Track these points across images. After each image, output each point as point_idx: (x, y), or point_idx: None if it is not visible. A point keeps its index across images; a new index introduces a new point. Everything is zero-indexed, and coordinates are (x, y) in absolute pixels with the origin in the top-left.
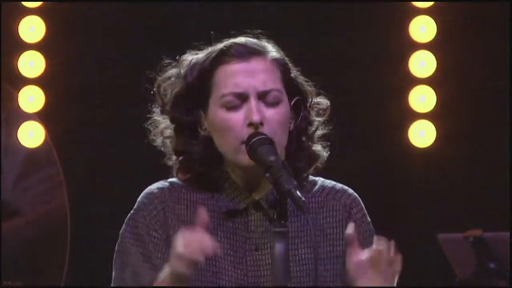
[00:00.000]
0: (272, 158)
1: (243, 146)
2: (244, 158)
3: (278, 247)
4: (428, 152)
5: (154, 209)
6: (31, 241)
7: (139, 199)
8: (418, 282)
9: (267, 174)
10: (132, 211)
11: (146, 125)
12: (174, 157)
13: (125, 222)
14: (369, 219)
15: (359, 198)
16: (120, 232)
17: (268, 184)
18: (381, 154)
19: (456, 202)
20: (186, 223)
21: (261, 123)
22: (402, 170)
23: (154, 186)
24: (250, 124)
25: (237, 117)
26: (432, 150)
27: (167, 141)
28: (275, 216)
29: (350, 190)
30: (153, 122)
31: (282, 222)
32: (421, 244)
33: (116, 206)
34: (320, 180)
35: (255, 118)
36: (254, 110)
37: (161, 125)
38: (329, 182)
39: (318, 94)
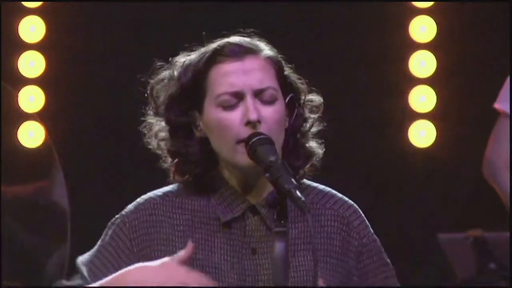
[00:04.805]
0: (272, 158)
1: (240, 146)
2: (242, 158)
3: (278, 247)
4: (428, 152)
5: (135, 219)
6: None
7: (126, 208)
8: (418, 282)
9: (267, 174)
10: (119, 214)
11: (140, 128)
12: (169, 160)
13: (110, 222)
14: (371, 230)
15: (360, 211)
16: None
17: (265, 186)
18: (381, 154)
19: (456, 202)
20: (182, 232)
21: (259, 122)
22: (402, 170)
23: (146, 196)
24: (248, 123)
25: (234, 116)
26: (432, 150)
27: (162, 143)
28: (275, 216)
29: (350, 202)
30: (147, 125)
31: (282, 222)
32: (421, 244)
33: (116, 206)
34: (319, 187)
35: (253, 116)
36: (251, 108)
37: (155, 128)
38: (329, 191)
39: (310, 91)
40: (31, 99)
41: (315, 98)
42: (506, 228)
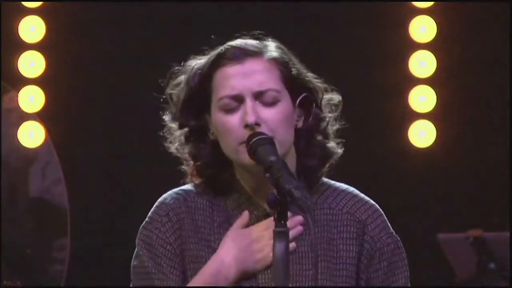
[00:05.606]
0: (272, 158)
1: (242, 147)
2: (245, 157)
3: (278, 247)
4: (428, 152)
5: (168, 221)
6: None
7: (153, 209)
8: (418, 282)
9: (267, 174)
10: (146, 220)
11: (162, 133)
12: (191, 163)
13: (139, 231)
14: (391, 231)
15: (380, 211)
16: (136, 242)
17: (271, 186)
18: (381, 154)
19: (456, 202)
20: (202, 231)
21: (258, 124)
22: (402, 170)
23: (169, 197)
24: (246, 126)
25: (234, 120)
26: (432, 150)
27: (180, 147)
28: (275, 216)
29: (370, 203)
30: (168, 130)
31: (282, 222)
32: (421, 244)
33: (116, 206)
34: (341, 188)
35: (250, 119)
36: (249, 111)
37: (176, 132)
38: (350, 192)
39: (331, 90)
40: (31, 99)
41: (334, 97)
42: (506, 228)
